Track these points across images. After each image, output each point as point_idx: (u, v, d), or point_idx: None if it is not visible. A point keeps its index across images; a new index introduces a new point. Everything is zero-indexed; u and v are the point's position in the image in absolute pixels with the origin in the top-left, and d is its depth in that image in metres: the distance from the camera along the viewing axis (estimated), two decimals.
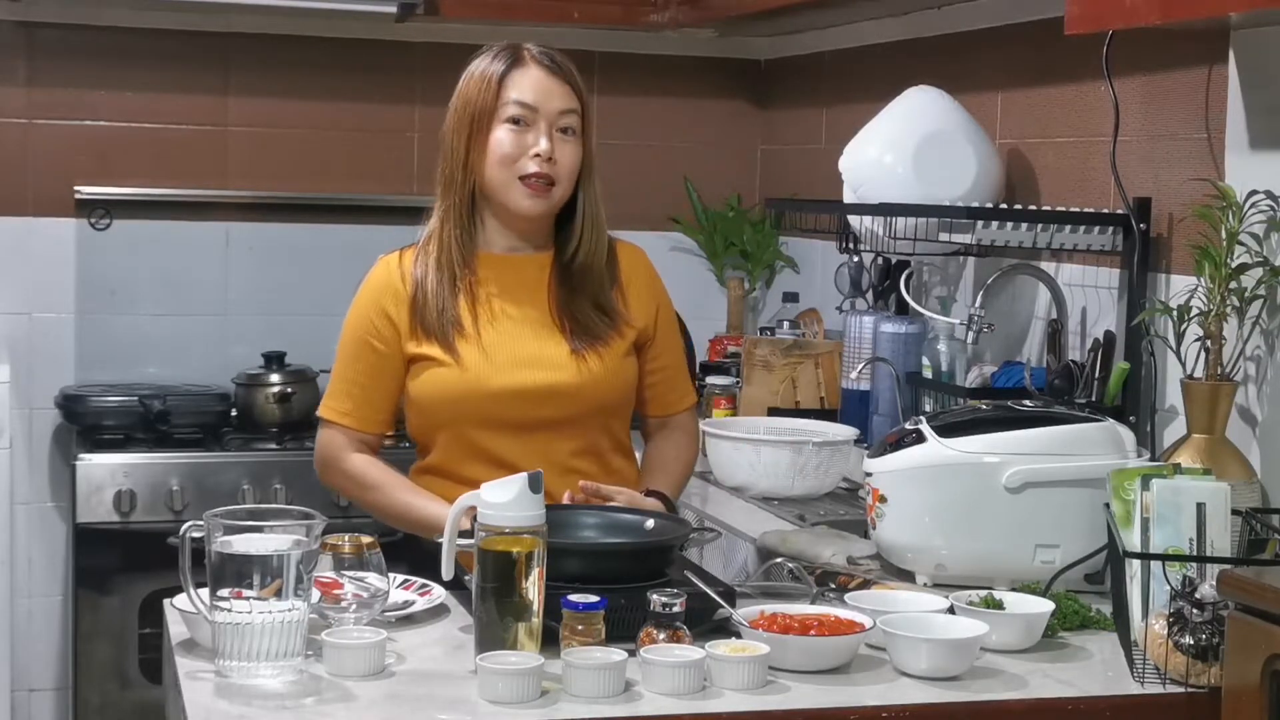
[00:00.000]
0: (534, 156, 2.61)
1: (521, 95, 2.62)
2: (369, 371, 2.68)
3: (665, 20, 4.28)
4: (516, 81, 2.63)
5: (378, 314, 2.67)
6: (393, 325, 2.66)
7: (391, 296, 2.67)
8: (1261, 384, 2.70)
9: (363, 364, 2.68)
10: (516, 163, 2.62)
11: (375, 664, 2.12)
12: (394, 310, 2.66)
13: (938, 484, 2.58)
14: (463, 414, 2.63)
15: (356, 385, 2.69)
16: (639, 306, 2.74)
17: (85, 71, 4.31)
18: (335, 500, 3.94)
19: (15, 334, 4.29)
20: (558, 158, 2.62)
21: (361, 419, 2.69)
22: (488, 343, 2.63)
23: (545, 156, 2.61)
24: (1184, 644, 2.12)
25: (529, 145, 2.61)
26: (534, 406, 2.62)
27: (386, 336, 2.66)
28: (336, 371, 2.72)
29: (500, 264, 2.69)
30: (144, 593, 3.89)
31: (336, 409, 2.70)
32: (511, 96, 2.62)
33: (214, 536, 2.08)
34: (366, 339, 2.68)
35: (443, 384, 2.63)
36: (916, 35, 3.87)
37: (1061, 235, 3.06)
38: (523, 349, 2.64)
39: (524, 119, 2.62)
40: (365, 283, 2.72)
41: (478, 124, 2.63)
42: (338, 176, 4.49)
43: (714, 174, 4.73)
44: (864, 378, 3.66)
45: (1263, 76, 2.71)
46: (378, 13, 4.20)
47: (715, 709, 2.04)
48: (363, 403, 2.68)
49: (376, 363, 2.67)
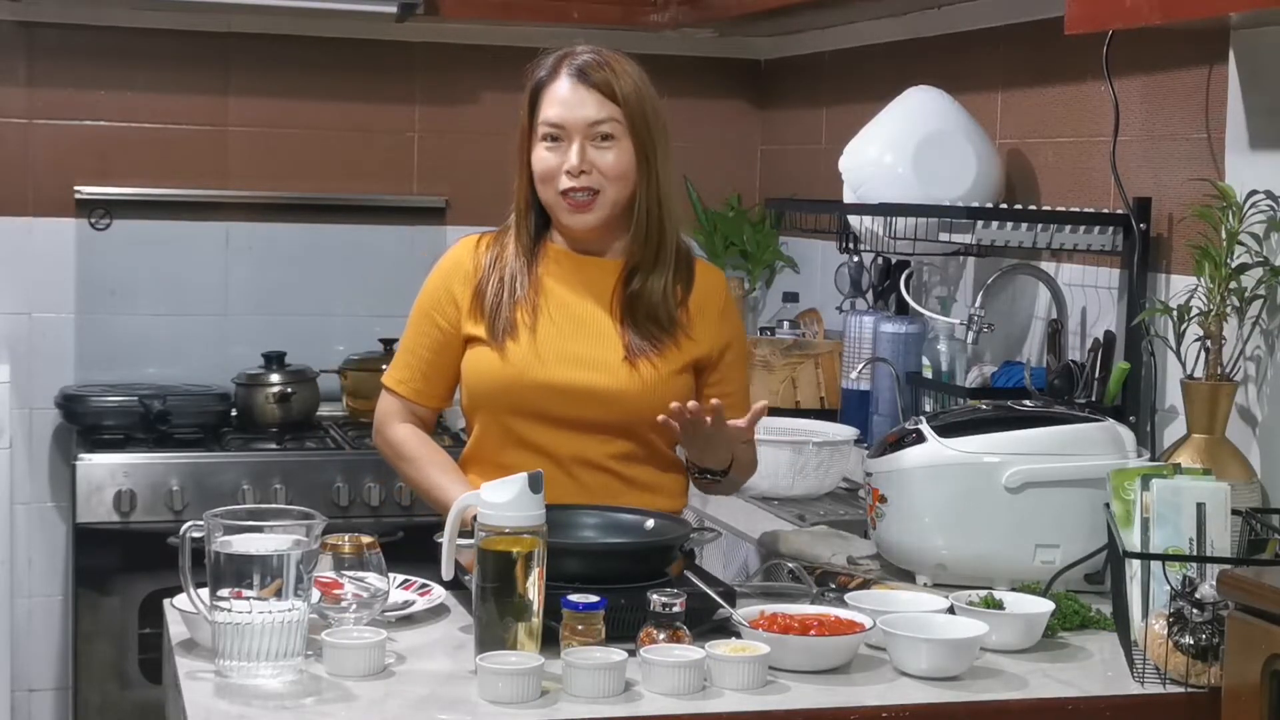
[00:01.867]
0: (567, 172, 2.61)
1: (549, 113, 2.62)
2: (430, 346, 2.71)
3: (665, 20, 4.28)
4: (548, 97, 2.63)
5: (444, 293, 2.70)
6: (456, 305, 2.68)
7: (461, 277, 2.70)
8: (1261, 384, 2.70)
9: (425, 338, 2.71)
10: (554, 180, 2.62)
11: (375, 664, 2.12)
12: (460, 291, 2.69)
13: (938, 484, 2.58)
14: (503, 401, 2.64)
15: (416, 357, 2.72)
16: (706, 330, 2.69)
17: (85, 71, 4.31)
18: (335, 500, 3.96)
19: (15, 334, 4.29)
20: (596, 165, 2.61)
21: (415, 390, 2.72)
22: (541, 336, 2.64)
23: (576, 171, 2.60)
24: (1184, 644, 2.12)
25: (563, 161, 2.62)
26: (575, 405, 2.61)
27: (449, 315, 2.69)
28: (402, 342, 2.76)
29: (570, 261, 2.70)
30: (144, 593, 3.88)
31: (395, 376, 2.74)
32: (543, 115, 2.63)
33: (214, 536, 2.08)
34: (431, 314, 2.71)
35: (489, 368, 2.64)
36: (916, 35, 3.87)
37: (1061, 235, 3.06)
38: (574, 347, 2.64)
39: (557, 135, 2.62)
40: (442, 260, 2.76)
41: (523, 142, 2.67)
42: (338, 176, 4.49)
43: (714, 174, 4.73)
44: (864, 378, 3.66)
45: (1263, 76, 2.71)
46: (378, 13, 4.20)
47: (715, 709, 2.04)
48: (419, 375, 2.71)
49: (438, 338, 2.70)
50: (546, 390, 2.61)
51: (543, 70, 2.65)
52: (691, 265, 2.72)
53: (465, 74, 4.52)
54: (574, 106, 2.61)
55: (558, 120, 2.61)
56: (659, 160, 2.65)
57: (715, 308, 2.71)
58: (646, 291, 2.65)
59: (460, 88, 4.53)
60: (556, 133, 2.62)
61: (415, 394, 2.72)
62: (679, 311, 2.67)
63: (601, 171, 2.61)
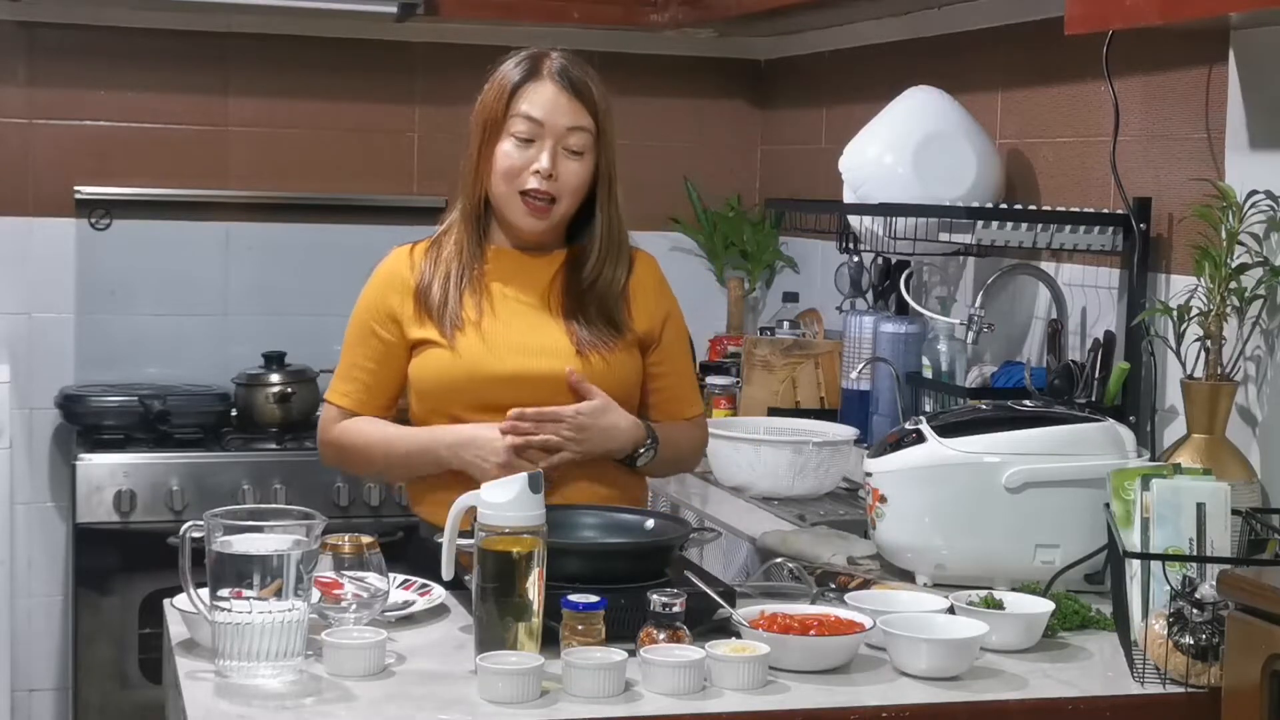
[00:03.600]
0: (534, 173, 2.62)
1: (530, 110, 2.63)
2: (372, 357, 2.71)
3: (665, 20, 4.28)
4: (528, 95, 2.64)
5: (383, 303, 2.70)
6: (396, 316, 2.69)
7: (399, 286, 2.70)
8: (1261, 384, 2.70)
9: (367, 349, 2.72)
10: (518, 178, 2.64)
11: (375, 664, 2.12)
12: (398, 301, 2.69)
13: (938, 484, 2.58)
14: (458, 397, 2.64)
15: (359, 369, 2.72)
16: (642, 313, 2.74)
17: (85, 71, 4.31)
18: (335, 500, 3.96)
19: (15, 334, 4.29)
20: (560, 175, 2.63)
21: (360, 402, 2.72)
22: (488, 330, 2.65)
23: (545, 174, 2.62)
24: (1184, 644, 2.12)
25: (531, 161, 2.63)
26: (530, 394, 2.62)
27: (389, 327, 2.69)
28: (343, 355, 2.76)
29: (510, 258, 2.71)
30: (144, 593, 3.89)
31: (339, 390, 2.75)
32: (520, 110, 2.64)
33: (214, 536, 2.08)
34: (371, 325, 2.71)
35: (441, 367, 2.65)
36: (916, 35, 3.87)
37: (1061, 235, 3.06)
38: (524, 338, 2.66)
39: (531, 134, 2.63)
40: (376, 271, 2.76)
41: (489, 133, 2.67)
42: (338, 176, 4.49)
43: (714, 174, 4.73)
44: (864, 378, 3.66)
45: (1263, 76, 2.71)
46: (378, 13, 4.20)
47: (715, 709, 2.04)
48: (364, 386, 2.72)
49: (380, 349, 2.70)
50: (501, 381, 2.62)
51: (521, 68, 2.66)
52: (632, 256, 2.77)
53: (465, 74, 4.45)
54: (555, 110, 2.63)
55: (538, 118, 2.62)
56: (616, 173, 2.69)
57: (650, 286, 2.77)
58: (602, 290, 2.69)
59: (460, 88, 4.46)
60: (532, 132, 2.63)
61: (359, 405, 2.72)
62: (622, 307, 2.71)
63: (564, 182, 2.64)
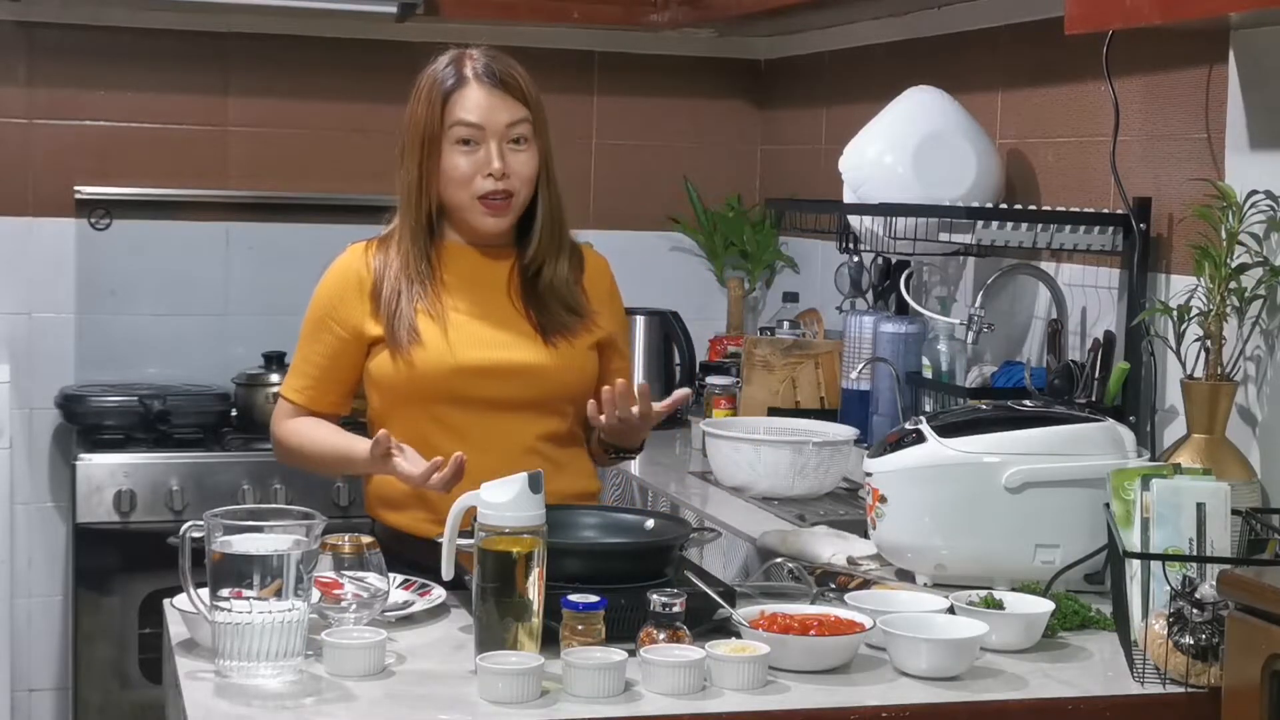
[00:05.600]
0: (488, 176, 2.63)
1: (466, 115, 2.64)
2: (326, 353, 2.71)
3: (665, 20, 4.28)
4: (460, 101, 2.64)
5: (339, 300, 2.71)
6: (352, 311, 2.69)
7: (355, 283, 2.70)
8: (1261, 384, 2.70)
9: (321, 345, 2.72)
10: (472, 183, 2.64)
11: (375, 664, 2.12)
12: (355, 297, 2.69)
13: (938, 484, 2.58)
14: (421, 392, 2.64)
15: (312, 365, 2.73)
16: (602, 310, 2.76)
17: (85, 71, 4.31)
18: (335, 500, 3.96)
19: (15, 334, 4.29)
20: (512, 169, 2.64)
21: (312, 398, 2.73)
22: (451, 325, 2.65)
23: (499, 174, 2.63)
24: (1184, 644, 2.12)
25: (481, 164, 2.64)
26: (495, 385, 2.63)
27: (345, 322, 2.69)
28: (298, 350, 2.77)
29: (467, 256, 2.72)
30: (144, 593, 3.89)
31: (292, 385, 2.75)
32: (457, 117, 2.64)
33: (214, 536, 2.08)
34: (326, 322, 2.71)
35: (399, 364, 2.64)
36: (916, 35, 3.87)
37: (1061, 235, 3.06)
38: (488, 331, 2.66)
39: (473, 138, 2.64)
40: (331, 269, 2.76)
41: (428, 148, 2.66)
42: (338, 176, 4.49)
43: (714, 174, 4.73)
44: (864, 378, 3.66)
45: (1263, 76, 2.71)
46: (378, 13, 4.20)
47: (715, 709, 2.04)
48: (317, 381, 2.72)
49: (334, 345, 2.71)
50: (465, 373, 2.63)
51: (446, 76, 2.66)
52: (577, 247, 2.78)
53: None
54: (491, 110, 2.64)
55: (477, 121, 2.63)
56: (553, 160, 2.71)
57: (604, 290, 2.79)
58: (552, 279, 2.70)
59: None
60: (474, 135, 2.64)
61: (311, 400, 2.73)
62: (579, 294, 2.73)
63: (516, 174, 2.65)
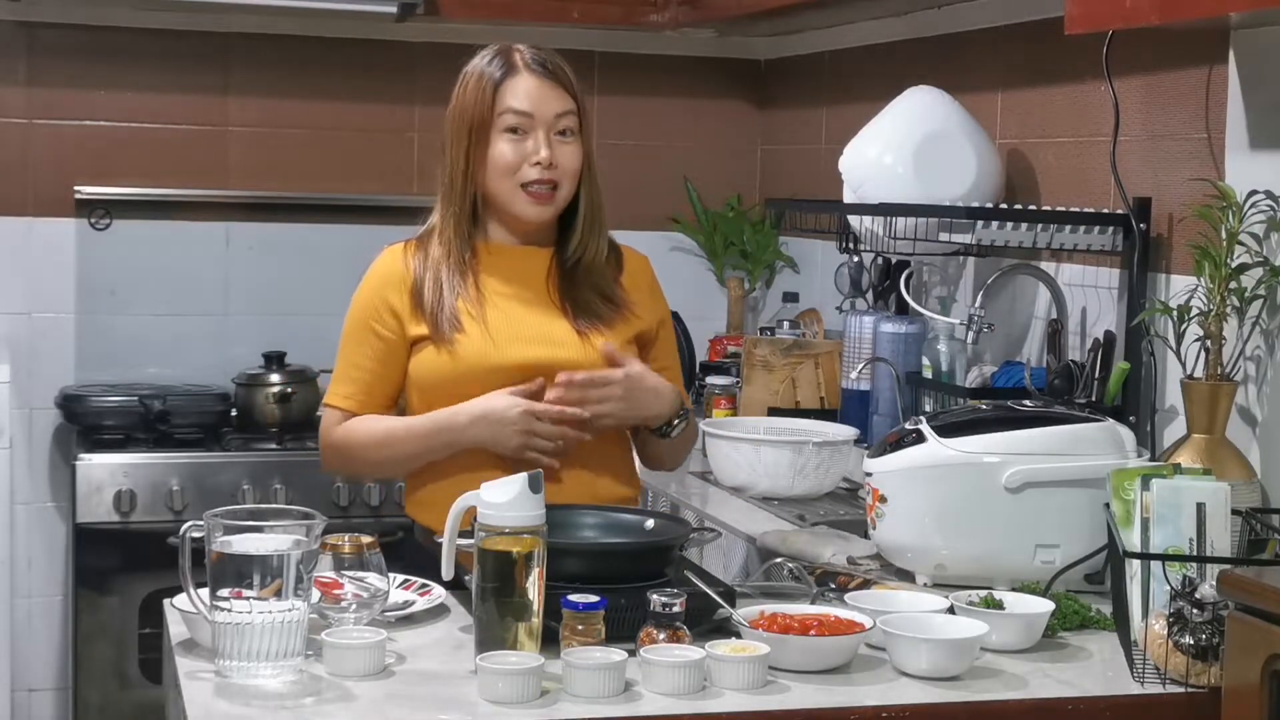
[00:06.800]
0: (535, 164, 2.63)
1: (517, 103, 2.64)
2: (373, 356, 2.69)
3: (665, 20, 4.28)
4: (511, 89, 2.64)
5: (380, 302, 2.69)
6: (395, 313, 2.67)
7: (395, 284, 2.69)
8: (1261, 384, 2.70)
9: (366, 348, 2.70)
10: (518, 171, 2.64)
11: (375, 664, 2.12)
12: (396, 298, 2.68)
13: (938, 484, 2.58)
14: (462, 391, 2.62)
15: (359, 369, 2.70)
16: (642, 305, 2.76)
17: (85, 71, 4.31)
18: (335, 500, 3.96)
19: (15, 334, 4.29)
20: (558, 161, 2.64)
21: (362, 403, 2.70)
22: (491, 321, 2.64)
23: (546, 163, 2.63)
24: (1184, 644, 2.12)
25: (529, 153, 2.63)
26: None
27: (389, 323, 2.68)
28: (340, 358, 2.74)
29: (502, 253, 2.71)
30: (144, 593, 3.89)
31: (340, 393, 2.72)
32: (508, 105, 2.64)
33: (214, 536, 2.08)
34: (370, 324, 2.69)
35: (443, 361, 2.63)
36: (916, 35, 3.87)
37: (1061, 235, 3.06)
38: (526, 328, 2.65)
39: (521, 127, 2.64)
40: (370, 272, 2.75)
41: (476, 135, 2.65)
42: (338, 176, 4.49)
43: (714, 174, 4.73)
44: (864, 378, 3.66)
45: (1263, 76, 2.71)
46: (378, 13, 4.20)
47: (715, 709, 2.04)
48: (365, 387, 2.70)
49: (380, 348, 2.69)
50: (506, 371, 2.62)
51: (497, 65, 2.66)
52: (616, 245, 2.79)
53: None
54: (541, 99, 2.64)
55: (528, 109, 2.63)
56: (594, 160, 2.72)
57: (644, 286, 2.79)
58: (590, 273, 2.70)
59: None
60: (523, 123, 2.64)
61: (361, 406, 2.70)
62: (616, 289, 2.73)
63: (563, 167, 2.65)
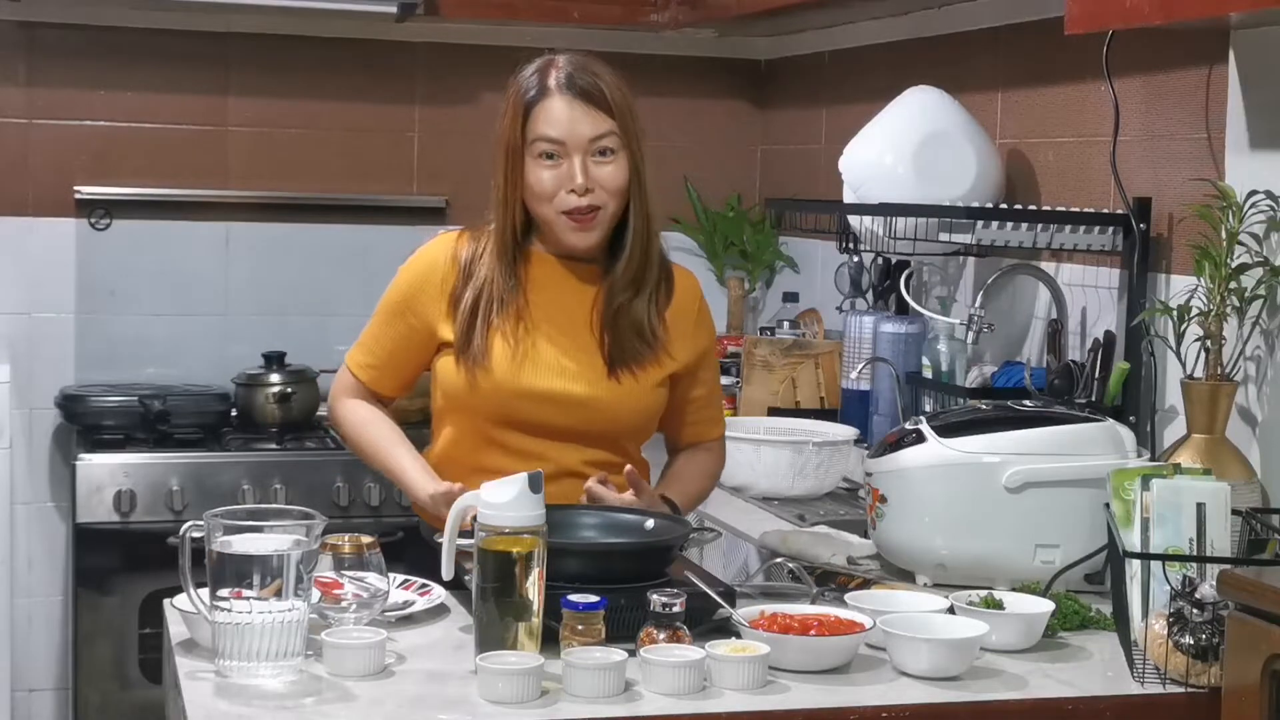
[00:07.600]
0: (570, 191, 2.55)
1: (548, 130, 2.55)
2: (396, 340, 2.69)
3: (665, 20, 4.28)
4: (543, 115, 2.56)
5: (419, 291, 2.66)
6: (430, 309, 2.64)
7: (439, 279, 2.65)
8: (1261, 384, 2.70)
9: (393, 331, 2.69)
10: (555, 198, 2.56)
11: (375, 664, 2.12)
12: (435, 294, 2.64)
13: (938, 484, 2.58)
14: (483, 407, 2.61)
15: (381, 346, 2.70)
16: (682, 341, 2.68)
17: (85, 71, 4.31)
18: (335, 500, 3.96)
19: (15, 334, 4.29)
20: (598, 182, 2.56)
21: (375, 379, 2.71)
22: (522, 343, 2.60)
23: (582, 190, 2.55)
24: (1184, 644, 2.12)
25: (565, 179, 2.56)
26: (556, 413, 2.59)
27: (421, 315, 2.65)
28: (372, 323, 2.73)
29: (553, 267, 2.65)
30: (144, 593, 3.88)
31: (359, 360, 2.72)
32: (539, 132, 2.56)
33: (214, 536, 2.08)
34: (403, 310, 2.67)
35: (467, 376, 2.60)
36: (916, 35, 3.87)
37: (1061, 235, 3.06)
38: (555, 356, 2.60)
39: (556, 153, 2.56)
40: (419, 254, 2.71)
41: (513, 160, 2.58)
42: (338, 176, 4.49)
43: (714, 174, 4.73)
44: (864, 378, 3.66)
45: (1263, 76, 2.71)
46: (378, 13, 4.20)
47: (715, 709, 2.04)
48: (383, 364, 2.70)
49: (406, 334, 2.68)
50: (528, 397, 2.59)
51: (531, 86, 2.58)
52: (671, 273, 2.70)
53: (465, 74, 4.51)
54: (572, 123, 2.55)
55: (558, 137, 2.55)
56: (645, 170, 2.61)
57: (690, 318, 2.70)
58: (633, 309, 2.62)
59: (460, 88, 4.53)
60: (555, 150, 2.56)
61: (374, 381, 2.71)
62: (659, 325, 2.64)
63: (603, 187, 2.56)
